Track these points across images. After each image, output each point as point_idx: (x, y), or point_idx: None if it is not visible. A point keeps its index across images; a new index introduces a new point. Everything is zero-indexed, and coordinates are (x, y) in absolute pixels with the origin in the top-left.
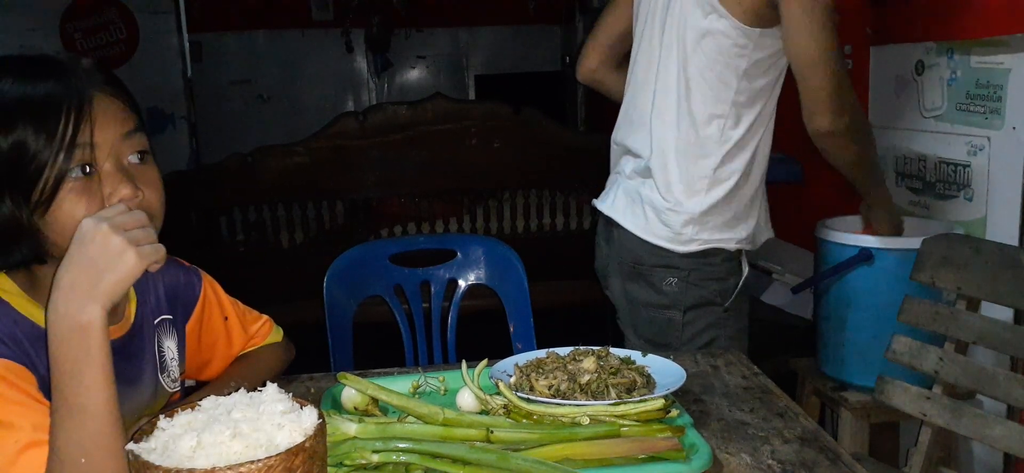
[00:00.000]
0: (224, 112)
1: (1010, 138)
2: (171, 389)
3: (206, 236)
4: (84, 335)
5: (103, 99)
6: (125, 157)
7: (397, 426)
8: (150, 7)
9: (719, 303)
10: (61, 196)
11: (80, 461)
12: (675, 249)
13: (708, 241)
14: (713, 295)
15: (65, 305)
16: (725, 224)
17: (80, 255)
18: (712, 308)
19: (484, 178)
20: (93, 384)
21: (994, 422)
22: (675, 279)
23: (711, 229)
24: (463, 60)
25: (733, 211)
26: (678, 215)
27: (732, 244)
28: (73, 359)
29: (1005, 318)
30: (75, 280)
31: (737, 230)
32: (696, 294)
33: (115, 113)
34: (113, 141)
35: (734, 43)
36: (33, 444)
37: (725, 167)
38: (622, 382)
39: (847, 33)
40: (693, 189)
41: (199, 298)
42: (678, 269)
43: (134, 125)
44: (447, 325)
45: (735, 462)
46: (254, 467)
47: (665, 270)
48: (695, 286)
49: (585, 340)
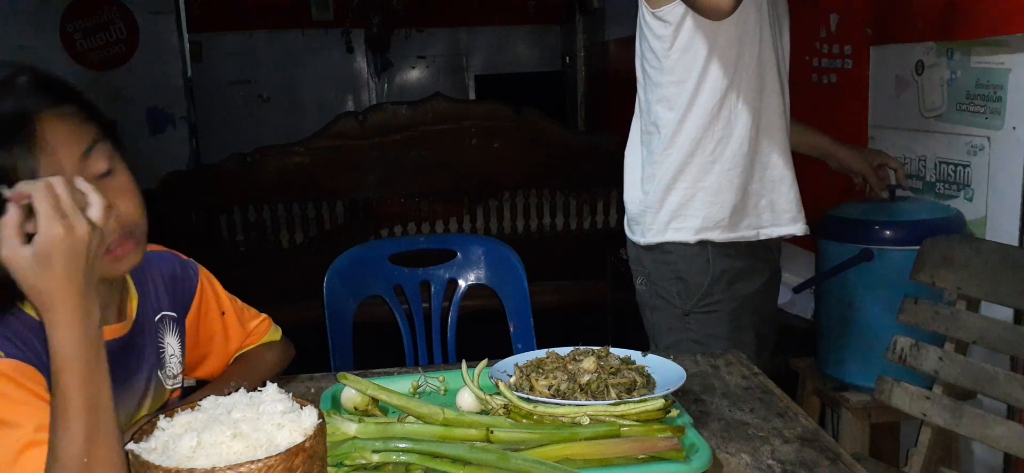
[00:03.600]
0: (224, 112)
1: (1010, 138)
2: (169, 386)
3: (206, 236)
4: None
5: (49, 121)
6: (92, 175)
7: (397, 426)
8: (150, 7)
9: (678, 305)
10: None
11: (84, 460)
12: (636, 240)
13: (661, 232)
14: (671, 296)
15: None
16: (676, 212)
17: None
18: (670, 309)
19: (484, 178)
20: (103, 376)
21: (994, 422)
22: (642, 278)
23: (665, 217)
24: (463, 60)
25: (682, 197)
26: (632, 204)
27: (689, 234)
28: (88, 359)
29: (1005, 318)
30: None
31: (691, 219)
32: (656, 294)
33: (66, 135)
34: (70, 164)
35: (648, 28)
36: (34, 444)
37: (666, 153)
38: (622, 382)
39: (847, 33)
40: (636, 177)
41: (196, 292)
42: (643, 266)
43: (91, 140)
44: (447, 325)
45: (735, 462)
46: (254, 467)
47: (637, 268)
48: (655, 284)
49: (585, 340)
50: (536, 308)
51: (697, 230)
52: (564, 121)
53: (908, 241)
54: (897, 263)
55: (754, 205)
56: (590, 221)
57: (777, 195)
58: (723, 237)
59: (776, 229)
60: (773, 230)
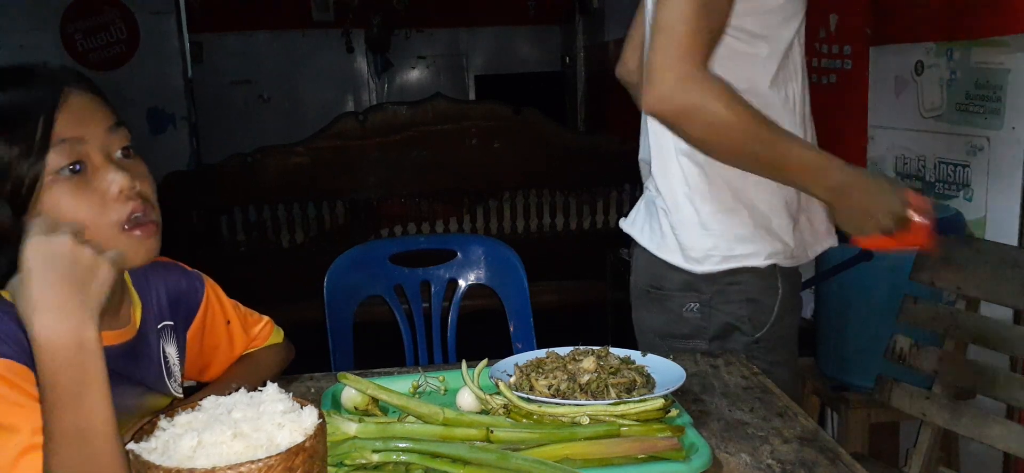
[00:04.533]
0: (225, 112)
1: (1010, 138)
2: (177, 393)
3: (207, 236)
4: (89, 354)
5: (79, 95)
6: (114, 151)
7: (397, 426)
8: (150, 7)
9: (749, 332)
10: (56, 198)
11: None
12: (692, 269)
13: (727, 257)
14: (740, 322)
15: (62, 326)
16: (745, 235)
17: (54, 274)
18: (739, 336)
19: (484, 178)
20: (95, 405)
21: (994, 422)
22: (697, 304)
23: (730, 242)
24: (463, 60)
25: (752, 219)
26: (687, 228)
27: (760, 259)
28: (78, 381)
29: (1005, 318)
30: (61, 299)
31: (763, 242)
32: (720, 321)
33: (95, 108)
34: (99, 135)
35: None
36: (33, 447)
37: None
38: (622, 382)
39: (847, 33)
40: (695, 194)
41: (202, 303)
42: (699, 292)
43: (115, 119)
44: (447, 325)
45: (735, 462)
46: (255, 467)
47: (684, 294)
48: (719, 311)
49: (585, 340)
50: (536, 308)
51: (772, 254)
52: (564, 121)
53: None
54: (897, 263)
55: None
56: (590, 221)
57: (812, 211)
58: (788, 263)
59: (817, 246)
60: (816, 247)
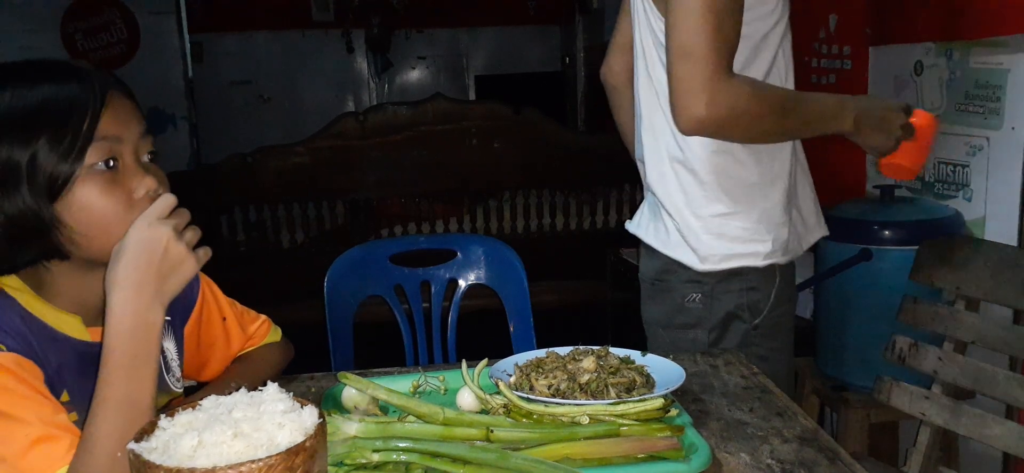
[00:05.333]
0: (225, 112)
1: (1009, 138)
2: (176, 388)
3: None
4: (149, 333)
5: (119, 97)
6: (143, 154)
7: (397, 426)
8: (151, 7)
9: (747, 320)
10: (88, 190)
11: (117, 455)
12: (694, 266)
13: (728, 257)
14: (740, 310)
15: (134, 303)
16: (744, 237)
17: (146, 258)
18: (739, 324)
19: (484, 178)
20: (147, 379)
21: (993, 422)
22: (698, 295)
23: (729, 243)
24: (463, 60)
25: (749, 222)
26: (689, 231)
27: (759, 260)
28: (134, 354)
29: (1004, 318)
30: (143, 281)
31: (760, 243)
32: (721, 310)
33: (132, 111)
34: (134, 138)
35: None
36: (43, 438)
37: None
38: (622, 382)
39: (847, 33)
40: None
41: (197, 300)
42: (701, 284)
43: (146, 126)
44: (447, 325)
45: (734, 462)
46: (255, 466)
47: (687, 285)
48: (719, 301)
49: (585, 340)
50: (536, 308)
51: (769, 253)
52: (564, 121)
53: (907, 241)
54: (896, 263)
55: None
56: (590, 221)
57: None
58: (784, 258)
59: (809, 237)
60: (809, 238)
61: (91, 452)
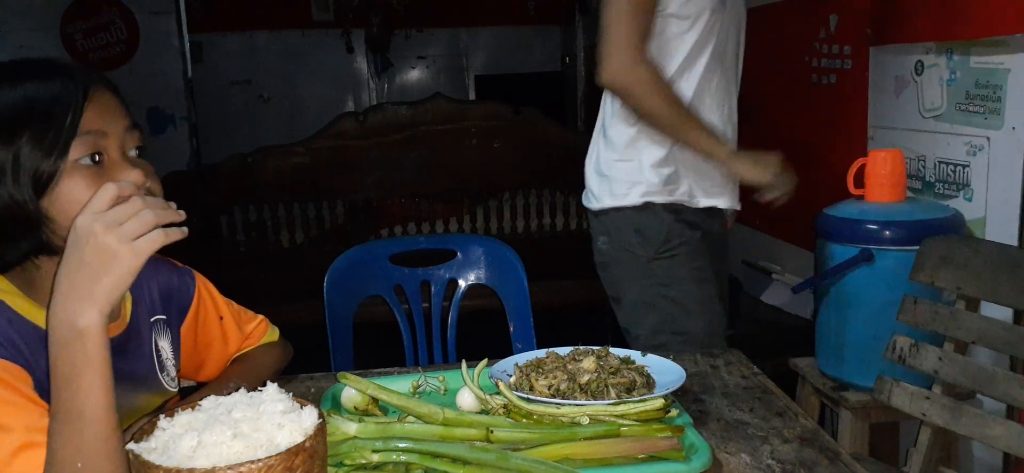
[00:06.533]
0: (224, 112)
1: (1010, 138)
2: (171, 388)
3: (206, 236)
4: (81, 340)
5: (103, 92)
6: (129, 148)
7: (397, 426)
8: (150, 7)
9: (640, 254)
10: (73, 184)
11: (77, 466)
12: (591, 207)
13: (615, 199)
14: (633, 246)
15: (63, 309)
16: (627, 180)
17: (76, 258)
18: (634, 260)
19: (484, 178)
20: (90, 389)
21: (994, 422)
22: (603, 237)
23: (615, 184)
24: (463, 60)
25: (634, 169)
26: (589, 174)
27: (636, 199)
28: (70, 364)
29: (1005, 318)
30: (73, 283)
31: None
32: (619, 248)
33: (116, 107)
34: (118, 132)
35: None
36: (27, 445)
37: (615, 121)
38: (622, 382)
39: (847, 33)
40: (597, 145)
41: (193, 299)
42: (603, 227)
43: (132, 121)
44: (447, 325)
45: (734, 462)
46: (255, 467)
47: (596, 231)
48: (615, 240)
49: (585, 340)
50: (536, 308)
51: (643, 194)
52: (564, 121)
53: (908, 241)
54: (897, 263)
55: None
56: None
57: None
58: (663, 200)
59: (708, 200)
60: (702, 200)
61: (53, 465)
